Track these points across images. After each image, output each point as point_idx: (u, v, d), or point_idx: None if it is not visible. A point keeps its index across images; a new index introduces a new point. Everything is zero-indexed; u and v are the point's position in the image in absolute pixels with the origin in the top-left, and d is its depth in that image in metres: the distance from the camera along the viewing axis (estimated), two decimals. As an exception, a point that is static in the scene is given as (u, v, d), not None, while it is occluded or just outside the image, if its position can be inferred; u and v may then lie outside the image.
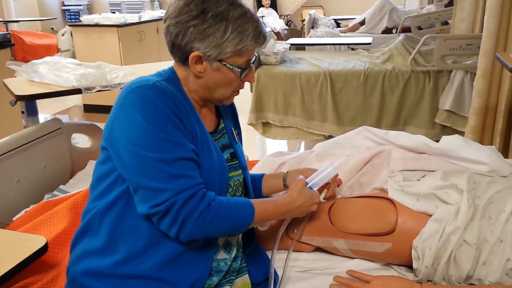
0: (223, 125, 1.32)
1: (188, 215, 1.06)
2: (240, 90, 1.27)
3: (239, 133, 1.41)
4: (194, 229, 1.08)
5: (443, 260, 1.19)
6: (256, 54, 1.20)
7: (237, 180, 1.31)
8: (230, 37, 1.11)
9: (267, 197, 1.47)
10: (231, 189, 1.28)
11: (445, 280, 1.22)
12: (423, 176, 1.41)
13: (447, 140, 1.52)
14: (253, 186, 1.41)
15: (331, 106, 3.52)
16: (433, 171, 1.43)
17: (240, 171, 1.32)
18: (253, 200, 1.18)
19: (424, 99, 3.42)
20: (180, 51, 1.15)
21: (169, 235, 1.10)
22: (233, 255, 1.26)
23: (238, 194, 1.31)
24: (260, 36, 1.15)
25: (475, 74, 2.85)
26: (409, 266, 1.31)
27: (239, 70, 1.16)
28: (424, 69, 3.37)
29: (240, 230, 1.21)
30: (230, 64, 1.14)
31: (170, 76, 1.19)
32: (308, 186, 1.29)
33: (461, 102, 3.29)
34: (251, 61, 1.19)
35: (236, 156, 1.32)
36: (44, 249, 1.18)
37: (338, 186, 1.45)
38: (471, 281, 1.21)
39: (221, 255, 1.24)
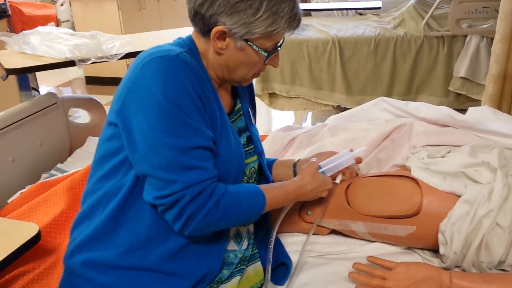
0: (239, 105, 1.20)
1: (194, 212, 0.96)
2: None
3: (255, 113, 1.29)
4: (200, 226, 0.98)
5: (474, 246, 1.08)
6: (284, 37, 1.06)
7: (253, 167, 1.21)
8: (262, 16, 0.97)
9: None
10: (246, 177, 1.17)
11: (475, 266, 1.12)
12: (449, 152, 1.30)
13: (475, 112, 1.39)
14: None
15: (340, 74, 3.38)
16: (460, 146, 1.31)
17: (255, 157, 1.21)
18: (262, 187, 1.08)
19: (437, 66, 3.27)
20: (203, 22, 1.01)
21: (173, 228, 1.00)
22: (243, 246, 1.17)
23: (252, 181, 1.20)
24: (295, 19, 1.02)
25: (491, 38, 2.70)
26: (434, 250, 1.21)
27: (265, 53, 1.03)
28: (437, 34, 3.21)
29: (250, 220, 1.11)
30: (256, 46, 1.01)
31: (190, 48, 1.06)
32: (321, 170, 1.19)
33: (477, 69, 3.15)
34: (279, 45, 1.05)
35: (252, 141, 1.21)
36: (36, 238, 1.09)
37: (358, 163, 1.34)
38: (503, 267, 1.11)
39: (231, 246, 1.15)
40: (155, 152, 0.94)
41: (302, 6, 4.48)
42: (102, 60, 1.84)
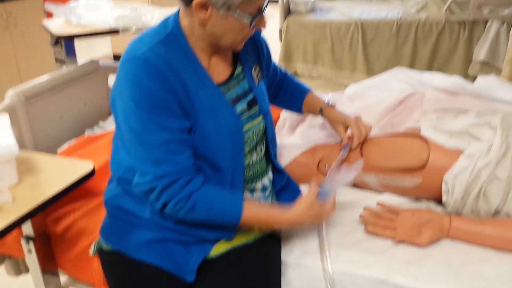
0: (240, 69, 1.21)
1: (168, 200, 1.07)
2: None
3: (262, 68, 1.28)
4: (172, 212, 1.09)
5: (473, 194, 1.22)
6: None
7: (257, 129, 1.22)
8: None
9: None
10: (250, 140, 1.20)
11: (473, 213, 1.25)
12: (457, 117, 1.43)
13: (483, 81, 1.52)
14: (294, 100, 1.43)
15: (361, 56, 3.49)
16: (467, 111, 1.44)
17: (260, 118, 1.22)
18: (248, 202, 1.11)
19: (457, 50, 3.36)
20: None
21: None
22: (255, 196, 1.26)
23: (259, 140, 1.24)
24: None
25: (511, 24, 2.78)
26: (438, 201, 1.35)
27: (249, 19, 1.03)
28: (459, 19, 3.29)
29: (224, 225, 1.14)
30: (238, 13, 1.01)
31: (170, 32, 1.08)
32: (320, 193, 1.14)
33: (496, 53, 3.23)
34: (263, 8, 1.05)
35: (257, 102, 1.22)
36: (92, 173, 1.27)
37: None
38: (499, 215, 1.24)
39: (245, 195, 1.24)
40: (132, 146, 1.06)
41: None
42: (142, 30, 2.00)
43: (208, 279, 1.14)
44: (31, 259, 1.38)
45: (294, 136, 1.72)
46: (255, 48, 1.28)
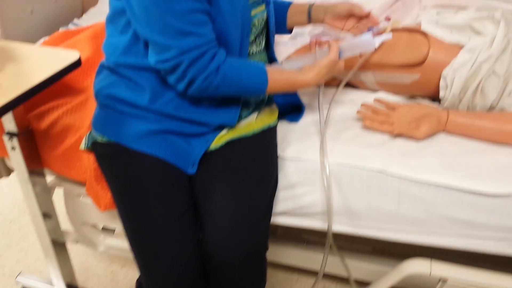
0: None
1: (195, 75, 1.02)
2: None
3: None
4: (200, 89, 1.04)
5: (471, 89, 1.22)
6: None
7: (261, 17, 1.19)
8: None
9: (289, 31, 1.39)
10: (255, 28, 1.18)
11: (469, 109, 1.26)
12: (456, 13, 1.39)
13: (484, -23, 1.48)
14: (276, 16, 1.33)
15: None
16: (467, 8, 1.41)
17: (263, 6, 1.20)
18: (269, 68, 1.11)
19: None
20: None
21: (176, 89, 1.07)
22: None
23: (260, 31, 1.21)
24: None
25: None
26: (433, 99, 1.35)
27: None
28: None
29: (253, 95, 1.16)
30: None
31: None
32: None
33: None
34: None
35: None
36: (78, 63, 1.19)
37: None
38: (493, 111, 1.26)
39: None
40: (150, 17, 0.97)
41: None
42: None
43: (207, 171, 1.13)
44: (15, 156, 1.32)
45: (283, 37, 1.66)
46: None
